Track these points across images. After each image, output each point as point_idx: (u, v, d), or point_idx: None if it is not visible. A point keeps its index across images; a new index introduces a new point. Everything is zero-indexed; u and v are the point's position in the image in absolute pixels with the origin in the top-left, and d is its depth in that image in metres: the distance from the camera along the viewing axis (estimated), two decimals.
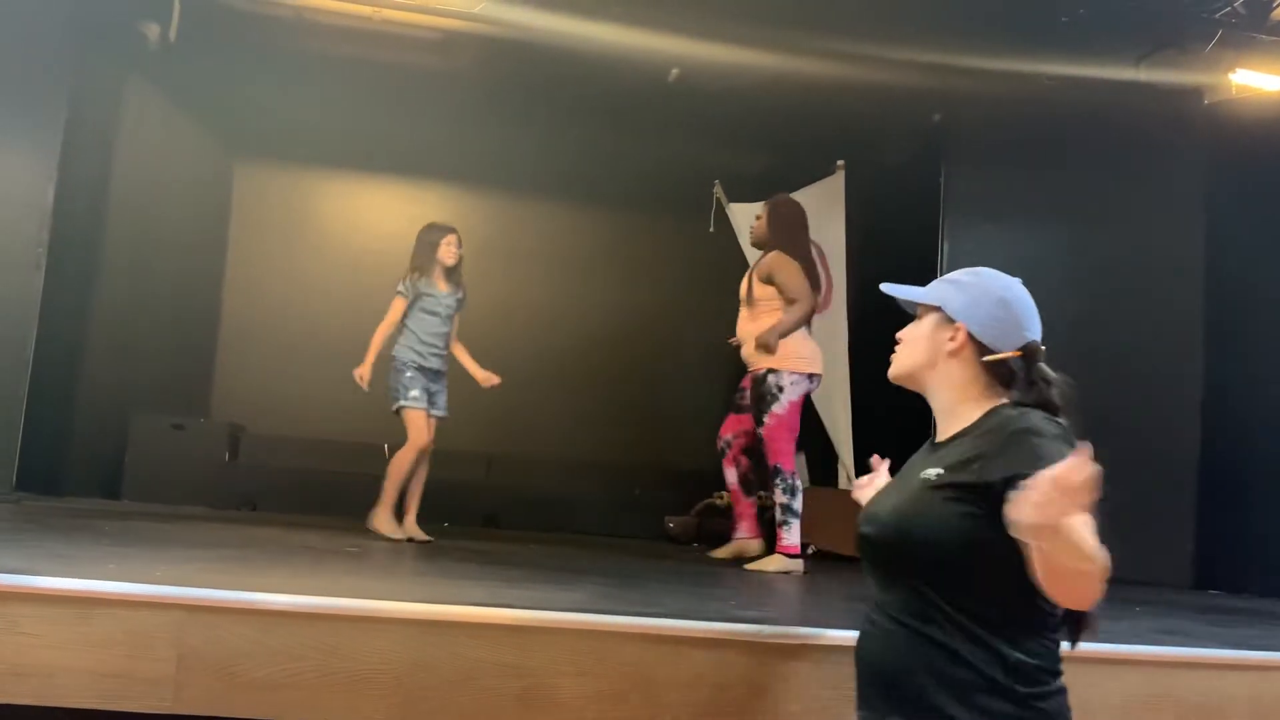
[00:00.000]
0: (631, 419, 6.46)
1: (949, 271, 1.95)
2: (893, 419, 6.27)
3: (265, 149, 7.90)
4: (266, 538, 4.57)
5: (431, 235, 5.09)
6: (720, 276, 7.52)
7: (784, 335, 4.69)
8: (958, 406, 1.84)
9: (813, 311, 4.84)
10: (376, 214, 8.33)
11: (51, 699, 2.23)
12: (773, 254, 4.87)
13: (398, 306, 5.00)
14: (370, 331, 5.08)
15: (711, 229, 6.03)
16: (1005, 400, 1.80)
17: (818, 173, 6.54)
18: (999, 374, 1.81)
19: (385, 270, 8.00)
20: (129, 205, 6.66)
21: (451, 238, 5.07)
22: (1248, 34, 5.80)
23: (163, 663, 2.26)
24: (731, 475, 5.04)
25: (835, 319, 6.30)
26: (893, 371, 1.94)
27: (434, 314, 5.01)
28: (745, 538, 5.00)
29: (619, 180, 7.60)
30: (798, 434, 4.79)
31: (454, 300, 5.10)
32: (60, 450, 6.13)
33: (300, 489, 5.42)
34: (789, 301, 4.75)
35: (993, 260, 6.33)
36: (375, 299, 7.65)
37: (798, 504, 4.66)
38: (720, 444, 5.09)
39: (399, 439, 7.14)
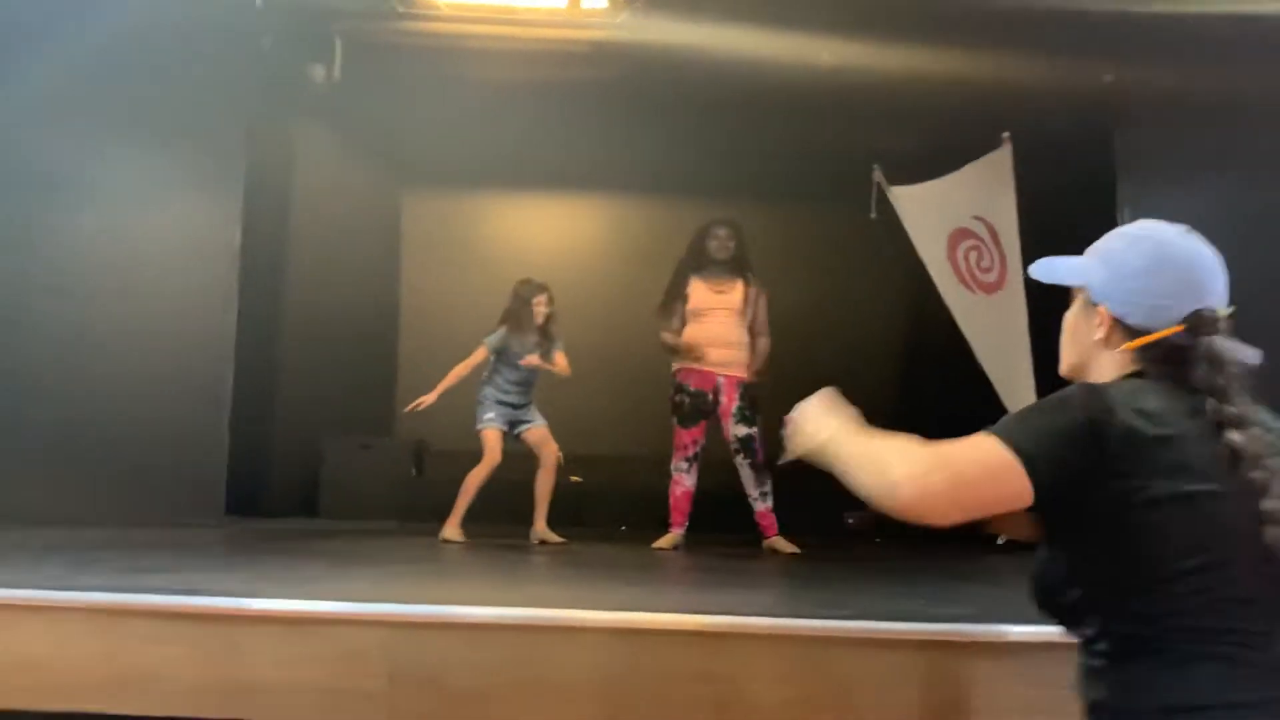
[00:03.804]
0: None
1: None
2: None
3: (429, 175, 8.18)
4: (458, 550, 4.73)
5: (523, 292, 5.41)
6: (885, 262, 7.37)
7: None
8: None
9: None
10: (538, 229, 8.53)
11: (279, 715, 2.36)
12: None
13: (479, 354, 5.35)
14: None
15: (873, 215, 5.88)
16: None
17: (983, 147, 6.30)
18: (1160, 359, 1.45)
19: (550, 281, 8.22)
20: (307, 240, 7.02)
21: (542, 297, 5.37)
22: None
23: (375, 678, 2.35)
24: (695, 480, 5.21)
25: (1013, 299, 6.03)
26: (1061, 370, 1.62)
27: (513, 366, 5.32)
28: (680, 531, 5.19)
29: (777, 174, 7.52)
30: None
31: (539, 352, 5.36)
32: (262, 476, 6.50)
33: (483, 500, 5.59)
34: (764, 327, 5.32)
35: (1181, 224, 5.96)
36: None
37: None
38: (695, 451, 5.21)
39: (572, 449, 7.30)
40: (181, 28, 5.83)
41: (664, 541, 5.08)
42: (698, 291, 5.26)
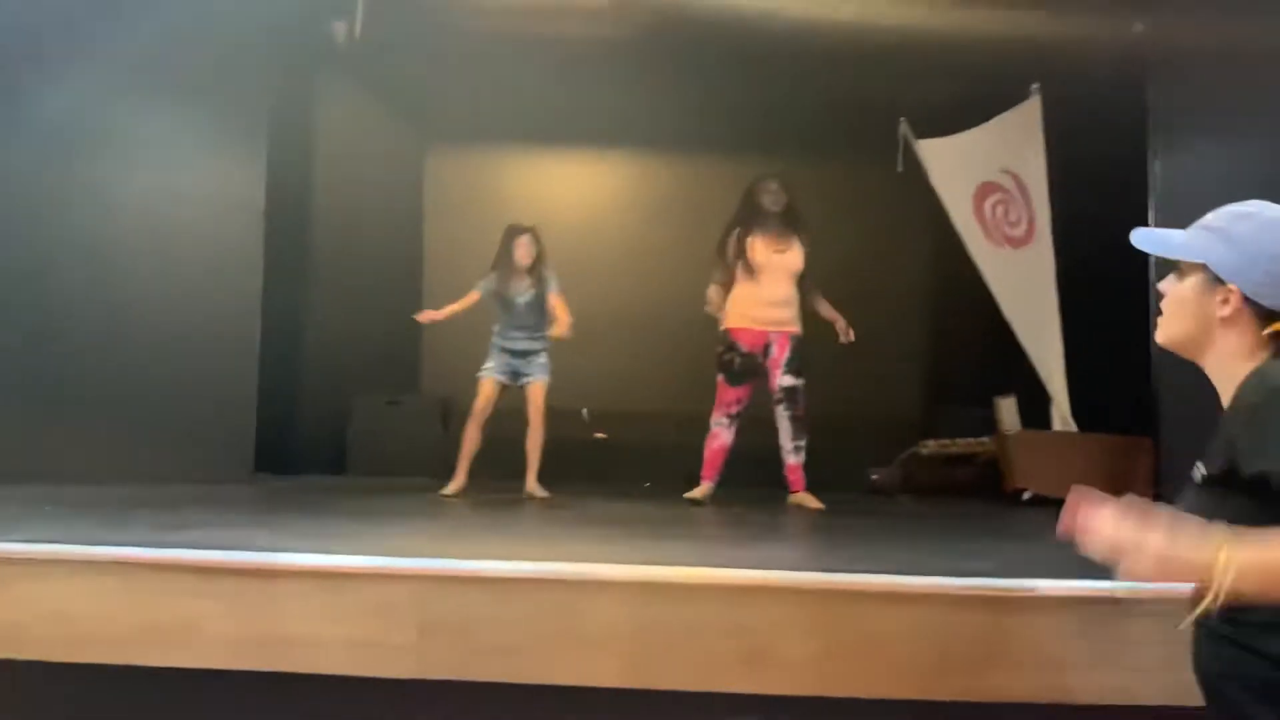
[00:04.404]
0: (828, 369, 6.40)
1: (1162, 195, 1.68)
2: (1106, 356, 5.96)
3: (451, 131, 8.16)
4: (482, 505, 4.77)
5: (507, 237, 5.50)
6: (911, 217, 7.31)
7: None
8: (1238, 376, 1.54)
9: None
10: (561, 185, 8.49)
11: (312, 667, 2.40)
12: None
13: (471, 296, 5.49)
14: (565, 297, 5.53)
15: (899, 169, 5.81)
16: None
17: (1011, 99, 6.20)
18: None
19: (574, 237, 8.18)
20: (332, 197, 7.02)
21: (523, 239, 5.43)
22: None
23: (405, 631, 2.38)
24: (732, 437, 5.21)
25: (1041, 253, 5.98)
26: (1159, 338, 1.67)
27: (511, 310, 5.44)
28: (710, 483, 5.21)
29: (803, 126, 7.45)
30: None
31: (530, 295, 5.43)
32: (289, 432, 6.55)
33: (510, 457, 5.64)
34: (813, 282, 5.31)
35: (1214, 178, 5.85)
36: (566, 266, 7.84)
37: None
38: (739, 409, 5.18)
39: (596, 405, 7.33)
40: None
41: (695, 493, 5.11)
42: (759, 248, 5.21)
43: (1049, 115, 6.18)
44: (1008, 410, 5.90)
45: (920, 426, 6.84)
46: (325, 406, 6.94)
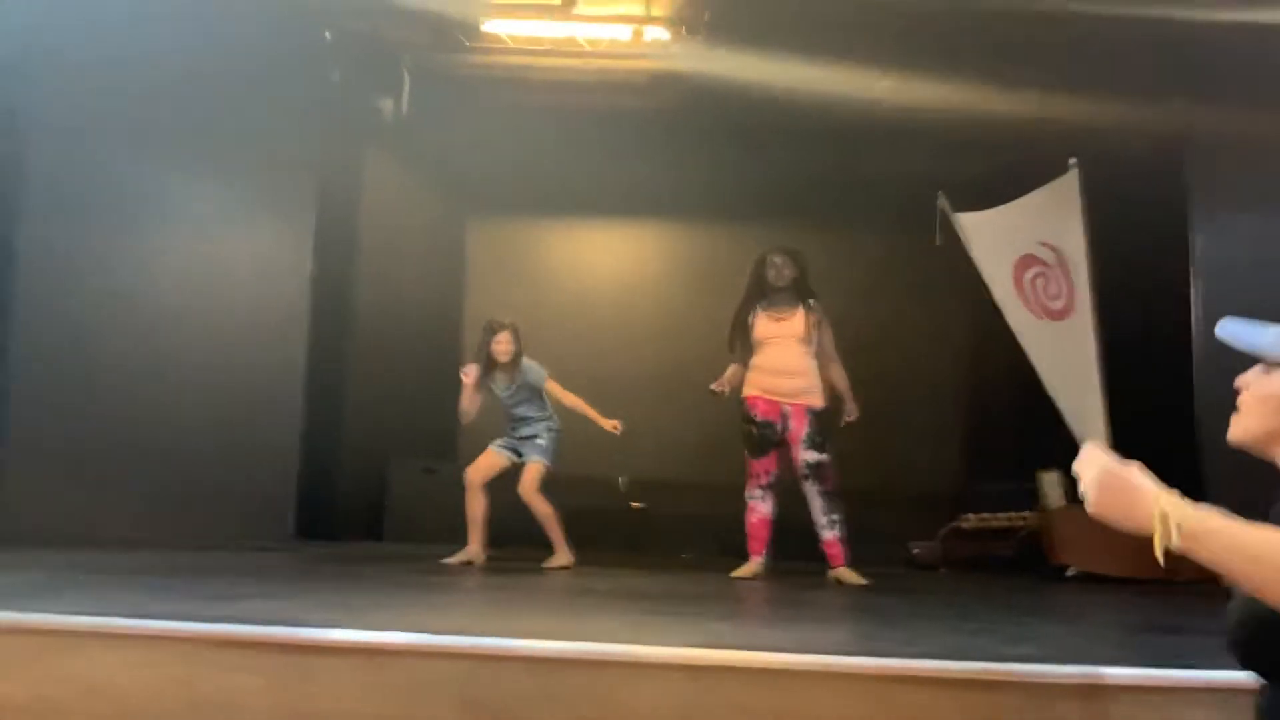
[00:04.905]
0: (865, 441, 6.37)
1: (1203, 269, 1.67)
2: (1149, 428, 5.88)
3: (492, 202, 8.30)
4: (520, 576, 4.75)
5: (484, 335, 5.50)
6: (950, 289, 7.30)
7: None
8: None
9: None
10: (599, 254, 8.60)
11: None
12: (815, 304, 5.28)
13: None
14: (601, 366, 6.01)
15: (938, 242, 5.83)
16: None
17: (1050, 173, 6.22)
18: None
19: (612, 307, 8.30)
20: (375, 267, 7.14)
21: (501, 336, 5.41)
22: None
23: (447, 710, 2.36)
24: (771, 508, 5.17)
25: (1081, 326, 5.94)
26: (1236, 434, 1.68)
27: (502, 401, 5.50)
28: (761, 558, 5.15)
29: (839, 200, 7.52)
30: None
31: (512, 388, 5.44)
32: (328, 498, 6.59)
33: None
34: (832, 353, 5.28)
35: (1254, 253, 5.80)
36: (604, 335, 7.91)
37: None
38: (771, 479, 5.16)
39: (634, 473, 7.32)
40: (254, 62, 6.00)
41: (744, 570, 5.06)
42: (760, 322, 5.28)
43: (1090, 189, 6.18)
44: (1051, 485, 5.82)
45: (960, 500, 6.76)
46: (364, 472, 6.99)
